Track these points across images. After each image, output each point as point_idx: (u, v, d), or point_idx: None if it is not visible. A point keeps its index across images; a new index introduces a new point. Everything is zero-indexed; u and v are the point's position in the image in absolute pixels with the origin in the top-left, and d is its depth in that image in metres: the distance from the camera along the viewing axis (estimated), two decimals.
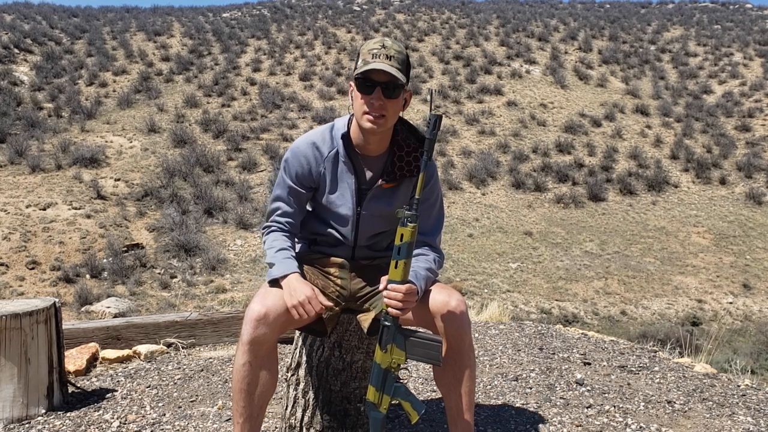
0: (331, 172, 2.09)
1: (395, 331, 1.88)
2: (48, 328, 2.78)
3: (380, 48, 1.94)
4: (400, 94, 1.97)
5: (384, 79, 1.92)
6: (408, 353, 1.88)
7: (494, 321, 5.18)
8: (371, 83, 1.93)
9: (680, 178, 29.72)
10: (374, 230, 2.16)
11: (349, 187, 2.09)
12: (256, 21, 52.07)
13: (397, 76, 1.91)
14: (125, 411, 2.84)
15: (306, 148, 2.09)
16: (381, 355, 1.89)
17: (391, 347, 1.88)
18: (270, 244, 2.07)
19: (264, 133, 31.25)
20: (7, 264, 18.41)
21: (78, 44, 43.29)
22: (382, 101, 1.93)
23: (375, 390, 1.90)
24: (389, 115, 1.97)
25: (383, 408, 1.91)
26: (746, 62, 43.57)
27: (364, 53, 1.96)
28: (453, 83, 38.55)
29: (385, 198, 2.11)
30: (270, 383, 1.97)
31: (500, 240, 22.80)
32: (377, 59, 1.92)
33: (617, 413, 2.83)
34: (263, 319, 1.91)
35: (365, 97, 1.94)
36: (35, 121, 30.37)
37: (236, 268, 19.57)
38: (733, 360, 5.35)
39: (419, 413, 1.90)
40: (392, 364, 1.89)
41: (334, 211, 2.12)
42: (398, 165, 2.09)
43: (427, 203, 2.12)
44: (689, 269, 21.69)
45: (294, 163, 2.09)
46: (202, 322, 4.02)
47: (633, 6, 63.21)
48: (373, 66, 1.90)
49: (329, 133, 2.11)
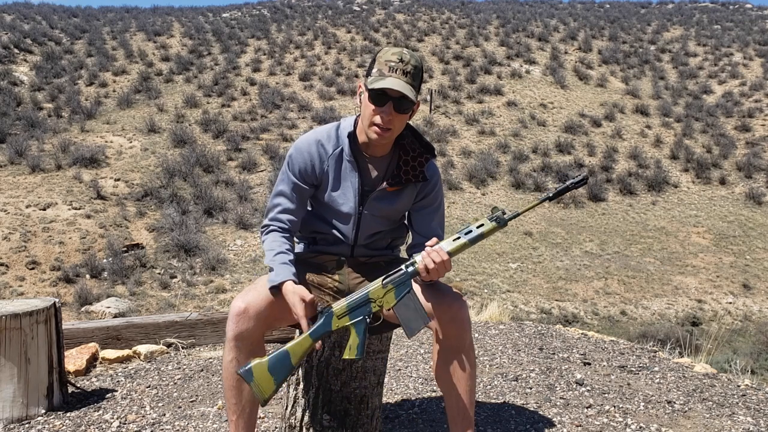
0: (334, 170, 2.10)
1: (406, 281, 1.90)
2: (48, 328, 2.78)
3: (398, 62, 1.94)
4: (410, 110, 1.99)
5: (397, 95, 1.94)
6: (397, 304, 1.88)
7: (494, 321, 5.18)
8: (384, 96, 1.94)
9: (680, 178, 29.72)
10: (374, 229, 2.17)
11: (353, 185, 2.10)
12: (256, 21, 52.06)
13: (409, 96, 1.93)
14: (125, 411, 2.84)
15: (311, 145, 2.10)
16: (378, 288, 1.91)
17: (391, 289, 1.89)
18: (269, 246, 2.07)
19: (264, 133, 31.25)
20: (7, 264, 18.41)
21: (78, 44, 43.28)
22: (392, 116, 1.95)
23: (345, 307, 1.90)
24: (395, 128, 1.99)
25: (337, 324, 1.90)
26: (746, 62, 43.56)
27: (381, 63, 1.96)
28: (453, 83, 38.55)
29: (388, 200, 2.12)
30: None
31: (500, 240, 22.80)
32: (394, 74, 1.93)
33: (617, 413, 2.83)
34: (244, 314, 1.92)
35: (377, 109, 1.95)
36: (35, 121, 30.36)
37: (236, 268, 19.57)
38: (733, 360, 5.36)
39: (355, 355, 1.87)
40: (378, 301, 1.90)
41: (336, 209, 2.13)
42: (404, 169, 2.10)
43: (431, 207, 2.16)
44: (689, 269, 21.70)
45: (298, 159, 2.10)
46: (202, 322, 4.03)
47: (633, 6, 63.25)
48: (389, 84, 1.91)
49: (335, 131, 2.12)
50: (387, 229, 2.20)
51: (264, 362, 1.88)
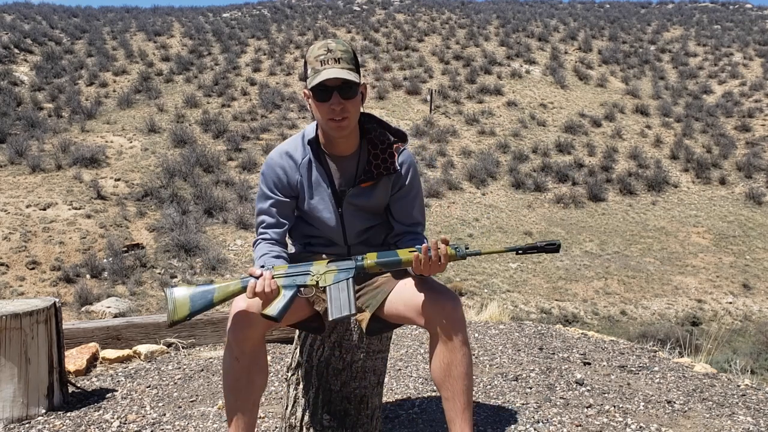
0: (307, 179, 2.12)
1: (349, 269, 1.92)
2: (48, 328, 2.78)
3: (326, 53, 1.95)
4: (357, 92, 1.99)
5: (338, 83, 1.94)
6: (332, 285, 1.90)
7: (494, 321, 5.18)
8: (326, 89, 1.95)
9: (680, 178, 29.72)
10: (362, 226, 2.18)
11: (326, 190, 2.12)
12: (256, 21, 52.05)
13: (350, 79, 1.93)
14: (125, 411, 2.84)
15: (280, 159, 2.13)
16: (321, 265, 1.94)
17: (333, 270, 1.93)
18: (258, 254, 2.10)
19: (264, 133, 31.26)
20: (7, 264, 18.42)
21: (78, 44, 43.29)
22: (342, 104, 1.95)
23: (284, 273, 1.91)
24: (351, 114, 1.99)
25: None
26: (746, 62, 43.55)
27: (312, 61, 1.97)
28: (453, 83, 38.54)
29: (364, 196, 2.14)
30: (260, 378, 1.99)
31: (500, 240, 22.80)
32: (326, 65, 1.94)
33: (617, 413, 2.83)
34: (245, 315, 1.93)
35: (325, 104, 1.96)
36: (35, 121, 30.37)
37: (236, 268, 19.57)
38: (733, 360, 5.36)
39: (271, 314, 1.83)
40: (316, 276, 1.92)
41: (318, 216, 2.15)
42: (374, 164, 2.12)
43: (409, 196, 2.17)
44: (689, 269, 21.70)
45: (270, 175, 2.12)
46: (202, 322, 4.03)
47: (633, 6, 63.24)
48: (325, 76, 1.92)
49: (301, 140, 2.15)
50: (376, 223, 2.20)
51: (190, 289, 1.91)
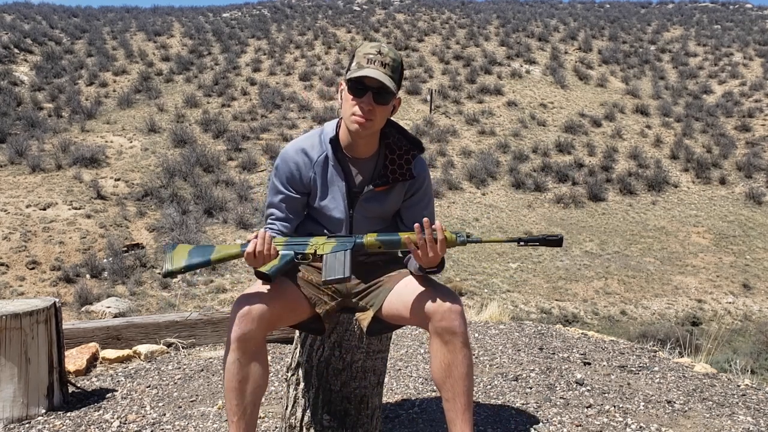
0: (321, 177, 2.12)
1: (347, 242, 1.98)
2: (48, 328, 2.78)
3: (376, 54, 1.96)
4: (389, 101, 2.00)
5: (376, 84, 1.95)
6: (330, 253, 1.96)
7: (494, 321, 5.18)
8: (363, 87, 1.96)
9: (680, 178, 29.72)
10: (369, 229, 2.17)
11: (340, 190, 2.12)
12: (256, 21, 52.05)
13: (388, 85, 1.94)
14: (125, 411, 2.84)
15: (295, 154, 2.12)
16: (321, 237, 2.02)
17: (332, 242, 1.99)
18: None
19: (264, 133, 31.25)
20: (7, 264, 18.41)
21: (78, 44, 43.28)
22: (372, 106, 1.96)
23: (284, 241, 1.99)
24: (377, 120, 2.00)
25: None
26: (746, 62, 43.55)
27: (359, 56, 1.98)
28: (453, 83, 38.53)
29: (377, 200, 2.14)
30: (262, 379, 1.98)
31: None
32: (372, 65, 1.95)
33: (617, 413, 2.83)
34: (246, 315, 1.93)
35: (356, 100, 1.97)
36: (35, 121, 30.37)
37: (236, 268, 19.56)
38: (733, 360, 5.35)
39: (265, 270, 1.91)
40: (314, 246, 1.99)
41: (328, 215, 2.15)
42: (391, 168, 2.12)
43: (421, 203, 2.18)
44: (689, 269, 21.70)
45: (284, 169, 2.12)
46: (202, 322, 4.02)
47: (633, 6, 63.22)
48: (367, 73, 1.93)
49: (318, 137, 2.14)
50: (382, 228, 2.20)
51: (191, 245, 2.05)
